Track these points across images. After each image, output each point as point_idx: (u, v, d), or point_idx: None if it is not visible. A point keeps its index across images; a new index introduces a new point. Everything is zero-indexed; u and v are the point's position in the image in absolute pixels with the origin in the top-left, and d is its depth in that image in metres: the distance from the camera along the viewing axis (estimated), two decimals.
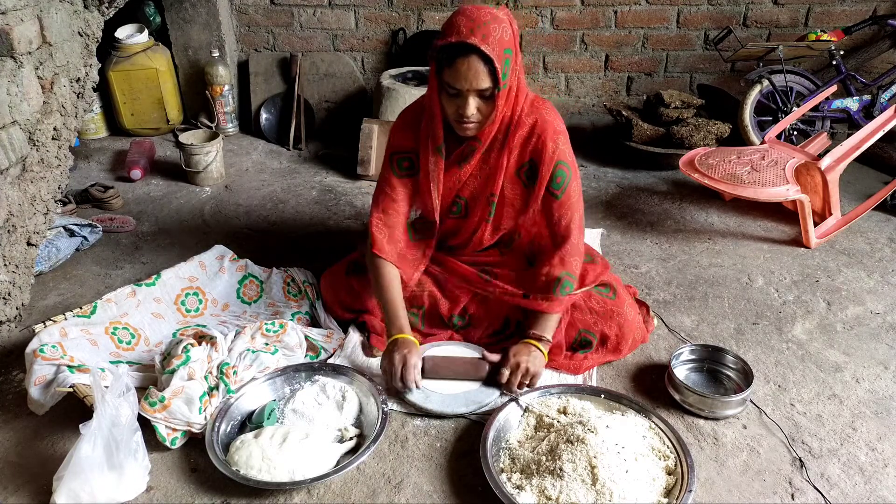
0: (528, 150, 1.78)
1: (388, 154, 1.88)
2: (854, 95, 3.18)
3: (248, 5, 3.55)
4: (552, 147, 1.76)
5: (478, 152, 1.77)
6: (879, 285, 2.24)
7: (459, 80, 1.58)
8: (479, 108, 1.64)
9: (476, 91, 1.60)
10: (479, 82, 1.58)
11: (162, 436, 1.54)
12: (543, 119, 1.76)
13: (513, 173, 1.81)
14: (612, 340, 1.83)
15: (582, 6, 3.52)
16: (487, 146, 1.77)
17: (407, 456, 1.57)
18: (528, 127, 1.76)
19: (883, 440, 1.61)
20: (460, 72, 1.57)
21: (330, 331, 1.94)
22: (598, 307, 1.84)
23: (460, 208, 1.89)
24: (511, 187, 1.83)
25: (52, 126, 1.93)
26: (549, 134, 1.75)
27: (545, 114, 1.77)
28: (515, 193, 1.83)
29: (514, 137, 1.76)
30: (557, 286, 1.76)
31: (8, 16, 1.71)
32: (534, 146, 1.76)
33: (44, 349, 1.63)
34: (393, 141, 1.87)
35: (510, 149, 1.77)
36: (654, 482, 1.44)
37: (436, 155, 1.79)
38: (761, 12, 3.52)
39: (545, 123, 1.76)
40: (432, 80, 1.69)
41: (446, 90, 1.63)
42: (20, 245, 1.91)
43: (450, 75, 1.59)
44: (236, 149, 3.44)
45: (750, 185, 2.45)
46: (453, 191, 1.86)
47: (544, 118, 1.76)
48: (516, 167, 1.80)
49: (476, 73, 1.57)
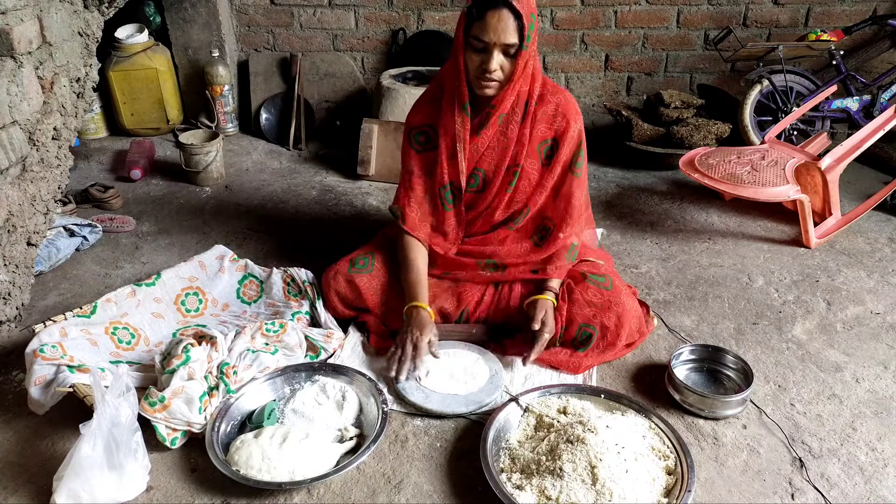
0: (553, 128, 1.87)
1: (405, 133, 1.96)
2: (854, 95, 3.18)
3: (248, 5, 3.55)
4: (575, 128, 1.88)
5: (494, 117, 1.83)
6: (879, 285, 2.24)
7: (488, 33, 1.64)
8: (502, 66, 1.71)
9: (502, 45, 1.66)
10: (507, 36, 1.64)
11: (162, 436, 1.53)
12: (567, 100, 1.88)
13: (535, 147, 1.88)
14: (612, 331, 1.83)
15: (582, 6, 3.52)
16: (506, 116, 1.84)
17: (407, 456, 1.57)
18: (553, 105, 1.86)
19: (883, 440, 1.61)
20: (490, 24, 1.63)
21: (330, 331, 1.93)
22: (595, 299, 1.85)
23: (478, 181, 1.93)
24: (530, 161, 1.89)
25: (52, 126, 1.93)
26: (572, 115, 1.88)
27: (567, 95, 1.90)
28: (533, 168, 1.91)
29: (538, 112, 1.85)
30: (569, 254, 1.91)
31: (8, 16, 1.71)
32: (559, 125, 1.87)
33: (44, 349, 1.63)
34: (409, 121, 1.96)
35: (534, 122, 1.86)
36: (654, 482, 1.44)
37: (462, 115, 1.84)
38: (761, 12, 3.52)
39: (568, 104, 1.88)
40: (458, 40, 1.74)
41: (472, 45, 1.69)
42: (20, 245, 1.91)
43: (479, 28, 1.65)
44: (236, 149, 3.44)
45: (750, 185, 2.45)
46: (472, 162, 1.90)
47: (567, 99, 1.89)
48: (539, 141, 1.88)
49: (505, 27, 1.63)
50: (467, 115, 1.83)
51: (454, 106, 1.83)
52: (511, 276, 1.94)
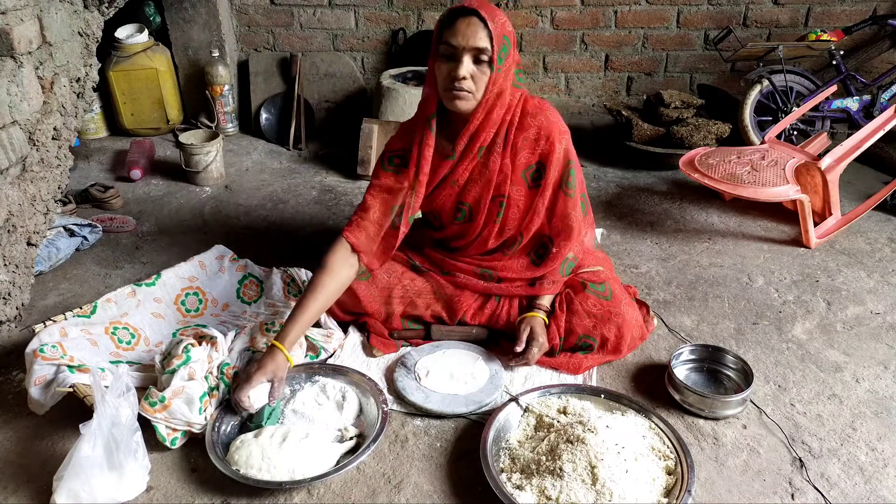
0: (536, 153, 1.82)
1: (379, 157, 1.88)
2: (854, 95, 3.18)
3: (248, 5, 3.55)
4: (560, 149, 1.82)
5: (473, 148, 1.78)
6: (879, 285, 2.24)
7: (457, 37, 1.62)
8: (474, 76, 1.66)
9: (472, 49, 1.63)
10: (476, 40, 1.62)
11: (162, 436, 1.53)
12: (549, 120, 1.81)
13: (519, 175, 1.84)
14: (612, 342, 1.83)
15: (582, 6, 3.52)
16: (487, 148, 1.79)
17: (407, 456, 1.57)
18: (534, 129, 1.80)
19: (883, 440, 1.61)
20: (459, 29, 1.63)
21: (330, 331, 1.93)
22: (595, 310, 1.84)
23: (465, 214, 1.90)
24: (516, 189, 1.85)
25: (52, 126, 1.93)
26: (556, 135, 1.81)
27: (549, 115, 1.82)
28: (520, 195, 1.86)
29: (519, 140, 1.80)
30: (563, 267, 1.88)
31: (8, 16, 1.71)
32: (543, 149, 1.81)
33: (44, 349, 1.63)
34: (387, 147, 1.89)
35: (515, 150, 1.81)
36: (654, 482, 1.44)
37: (426, 128, 1.78)
38: (761, 12, 3.52)
39: (551, 125, 1.81)
40: (431, 52, 1.72)
41: (443, 52, 1.67)
42: (20, 245, 1.91)
43: (449, 34, 1.64)
44: (236, 149, 3.44)
45: (750, 185, 2.45)
46: (453, 196, 1.87)
47: (549, 119, 1.81)
48: (524, 168, 1.83)
49: (474, 32, 1.62)
50: (430, 129, 1.77)
51: (422, 119, 1.79)
52: (506, 291, 1.91)
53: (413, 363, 1.82)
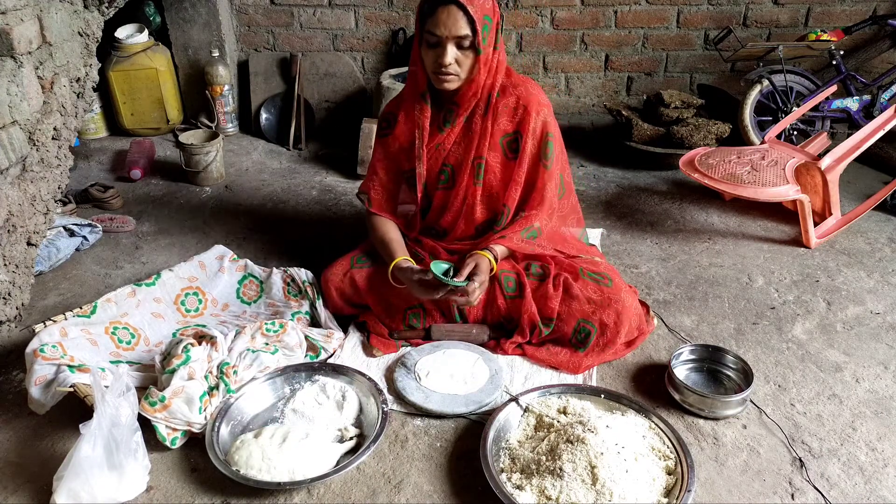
0: (514, 121, 1.89)
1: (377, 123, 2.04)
2: (854, 95, 3.18)
3: (248, 5, 3.55)
4: (536, 118, 1.88)
5: (459, 116, 1.88)
6: (879, 285, 2.24)
7: (439, 27, 1.69)
8: (458, 60, 1.74)
9: (455, 38, 1.70)
10: (457, 28, 1.68)
11: (162, 436, 1.54)
12: (528, 91, 1.88)
13: (497, 140, 1.90)
14: (612, 328, 1.82)
15: (582, 6, 3.52)
16: (470, 112, 1.88)
17: (407, 456, 1.57)
18: (514, 98, 1.88)
19: (883, 440, 1.61)
20: (440, 19, 1.69)
21: (330, 331, 1.94)
22: (595, 296, 1.85)
23: (447, 176, 1.96)
24: (493, 155, 1.91)
25: (52, 126, 1.93)
26: (533, 105, 1.87)
27: (530, 87, 1.90)
28: (496, 161, 1.92)
29: (500, 105, 1.88)
30: (526, 232, 1.90)
31: (8, 16, 1.71)
32: (520, 117, 1.88)
33: (44, 349, 1.63)
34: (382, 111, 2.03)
35: (495, 115, 1.88)
36: (654, 482, 1.44)
37: (420, 102, 1.89)
38: (761, 12, 3.52)
39: (530, 96, 1.88)
40: (416, 37, 1.79)
41: (427, 40, 1.74)
42: (20, 245, 1.91)
43: (431, 23, 1.70)
44: (236, 149, 3.44)
45: (750, 185, 2.45)
46: (439, 160, 1.94)
47: (529, 90, 1.89)
48: (501, 135, 1.90)
49: (455, 20, 1.68)
50: (426, 102, 1.88)
51: (415, 94, 1.89)
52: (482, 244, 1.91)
53: (413, 363, 1.82)
